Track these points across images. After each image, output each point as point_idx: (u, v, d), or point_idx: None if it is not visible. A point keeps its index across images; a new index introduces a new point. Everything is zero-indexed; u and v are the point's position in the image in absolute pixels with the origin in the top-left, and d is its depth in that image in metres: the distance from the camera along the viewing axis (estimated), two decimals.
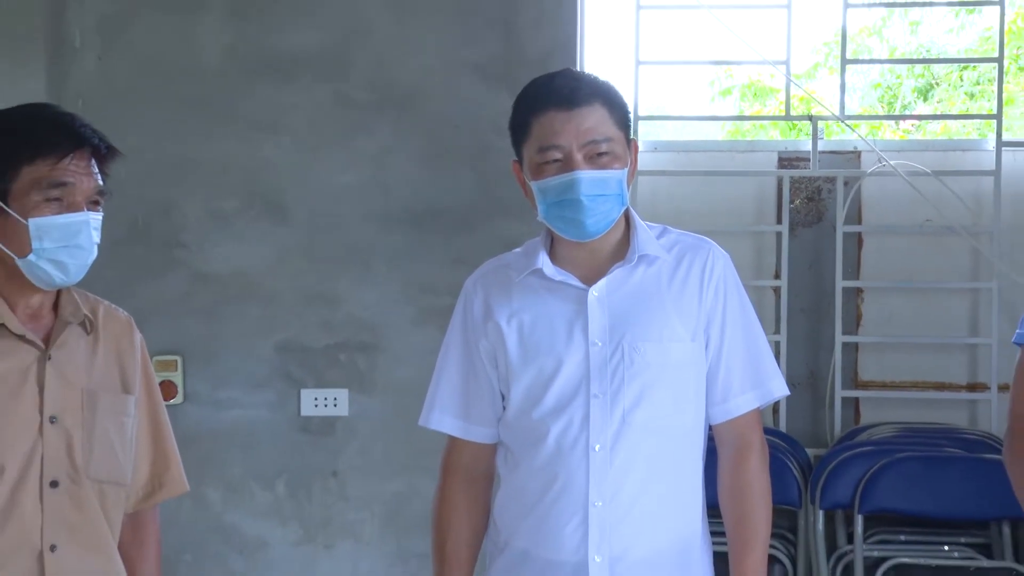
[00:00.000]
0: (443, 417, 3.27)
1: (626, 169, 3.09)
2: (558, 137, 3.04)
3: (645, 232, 3.18)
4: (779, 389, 3.24)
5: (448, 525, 3.28)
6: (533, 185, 3.09)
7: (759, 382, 3.21)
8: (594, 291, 3.13)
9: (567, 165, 3.03)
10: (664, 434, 3.11)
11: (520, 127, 3.11)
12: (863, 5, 6.55)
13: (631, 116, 3.21)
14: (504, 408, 3.21)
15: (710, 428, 3.23)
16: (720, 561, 3.21)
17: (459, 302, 3.29)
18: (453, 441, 3.29)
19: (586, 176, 3.02)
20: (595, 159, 3.03)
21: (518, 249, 3.27)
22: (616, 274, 3.13)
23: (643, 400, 3.09)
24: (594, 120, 3.04)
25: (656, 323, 3.11)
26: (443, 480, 3.31)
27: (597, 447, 3.08)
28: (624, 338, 3.10)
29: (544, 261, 3.16)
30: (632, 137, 3.15)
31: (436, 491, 3.32)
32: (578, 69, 3.23)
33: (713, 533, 3.23)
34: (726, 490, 3.20)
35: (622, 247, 3.16)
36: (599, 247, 3.15)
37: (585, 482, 3.08)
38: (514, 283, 3.20)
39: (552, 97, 3.06)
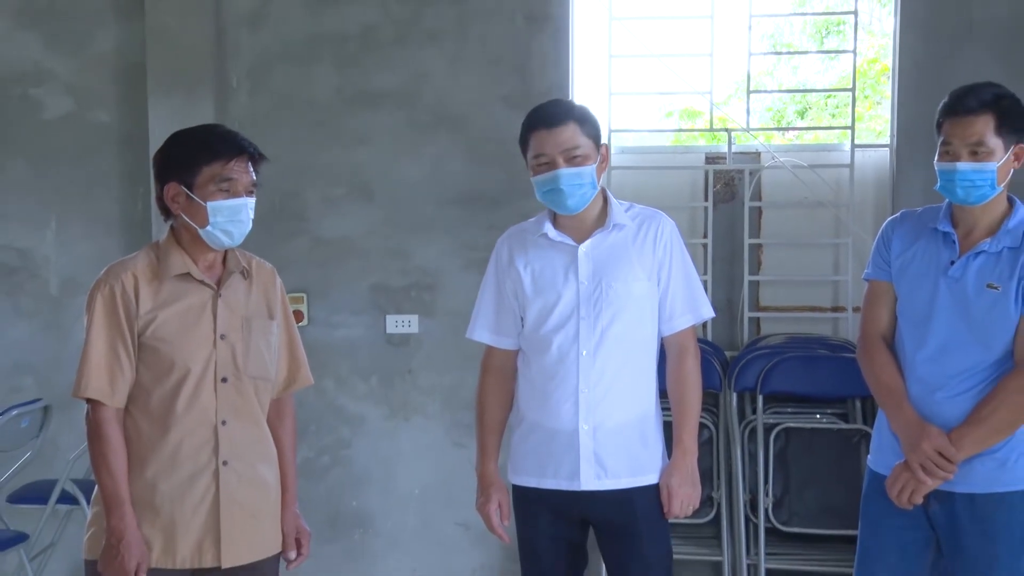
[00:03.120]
0: (482, 332, 3.28)
1: (594, 165, 3.07)
2: (544, 147, 3.04)
3: (618, 207, 3.17)
4: (708, 312, 3.24)
5: (486, 405, 3.30)
6: (532, 180, 3.10)
7: (694, 307, 3.21)
8: (582, 248, 3.13)
9: (551, 166, 3.03)
10: (629, 344, 3.12)
11: (523, 141, 3.12)
12: (761, 54, 6.47)
13: (602, 129, 3.19)
14: (523, 326, 3.21)
15: (662, 340, 3.22)
16: (667, 428, 3.22)
17: (493, 254, 3.30)
18: (489, 348, 3.30)
19: (565, 172, 3.02)
20: (572, 160, 3.03)
21: (532, 219, 3.27)
22: (597, 236, 3.13)
23: (615, 321, 3.09)
24: (568, 134, 3.03)
25: (623, 269, 3.11)
26: (482, 375, 3.32)
27: (584, 352, 3.09)
28: (602, 279, 3.10)
29: (548, 227, 3.16)
30: (604, 143, 3.13)
31: (478, 382, 3.33)
32: (567, 99, 3.19)
33: (663, 410, 3.23)
34: (671, 381, 3.21)
35: (601, 217, 3.16)
36: (586, 218, 3.15)
37: (576, 375, 3.09)
38: (529, 241, 3.20)
39: (540, 120, 3.07)
